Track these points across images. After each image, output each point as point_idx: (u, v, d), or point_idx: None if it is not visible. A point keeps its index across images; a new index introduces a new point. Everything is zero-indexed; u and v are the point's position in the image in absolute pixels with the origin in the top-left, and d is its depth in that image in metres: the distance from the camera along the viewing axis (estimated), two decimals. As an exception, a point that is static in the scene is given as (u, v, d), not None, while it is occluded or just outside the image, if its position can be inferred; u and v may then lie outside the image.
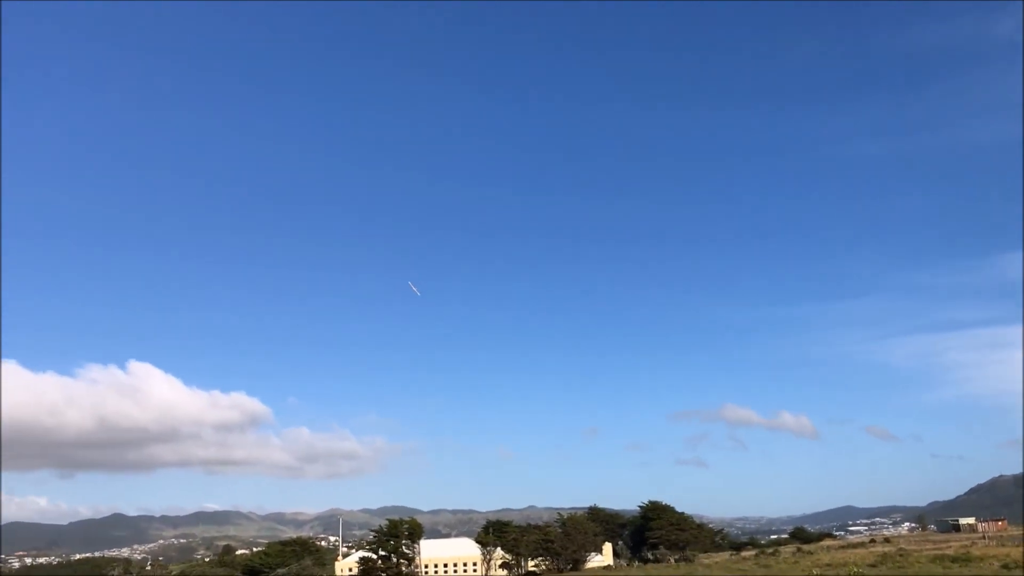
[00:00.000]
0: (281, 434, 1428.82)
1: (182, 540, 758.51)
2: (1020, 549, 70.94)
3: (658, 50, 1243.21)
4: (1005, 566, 45.82)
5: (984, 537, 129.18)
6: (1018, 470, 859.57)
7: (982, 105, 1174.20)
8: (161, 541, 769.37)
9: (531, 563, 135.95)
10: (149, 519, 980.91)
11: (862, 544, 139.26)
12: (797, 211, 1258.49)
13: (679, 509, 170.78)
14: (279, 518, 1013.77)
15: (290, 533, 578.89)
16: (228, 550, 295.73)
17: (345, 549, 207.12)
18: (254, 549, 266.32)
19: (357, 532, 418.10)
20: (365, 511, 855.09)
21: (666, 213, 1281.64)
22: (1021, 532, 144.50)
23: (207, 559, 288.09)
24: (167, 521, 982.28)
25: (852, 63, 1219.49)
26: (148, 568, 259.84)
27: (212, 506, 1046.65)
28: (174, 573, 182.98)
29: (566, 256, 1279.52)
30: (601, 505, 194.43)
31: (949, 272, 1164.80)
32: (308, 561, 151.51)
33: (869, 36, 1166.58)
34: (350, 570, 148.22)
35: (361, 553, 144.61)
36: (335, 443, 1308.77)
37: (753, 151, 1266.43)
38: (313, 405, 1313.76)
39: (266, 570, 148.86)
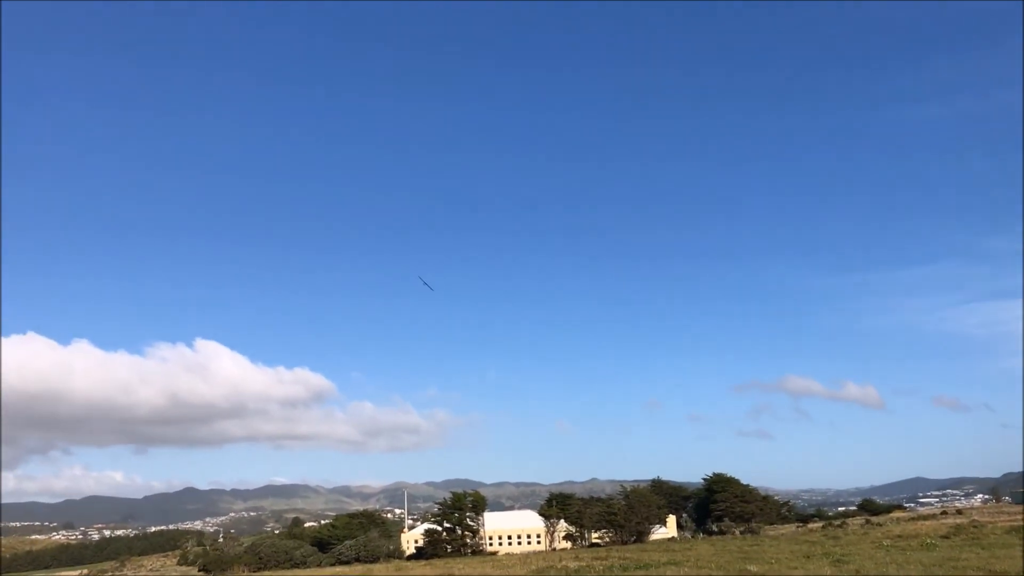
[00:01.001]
0: (345, 408, 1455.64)
1: (252, 513, 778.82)
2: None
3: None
4: (1087, 538, 44.32)
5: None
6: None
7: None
8: (232, 514, 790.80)
9: (595, 535, 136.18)
10: (220, 492, 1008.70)
11: (933, 516, 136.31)
12: (863, 175, 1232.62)
13: (744, 481, 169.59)
14: (345, 491, 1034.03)
15: (356, 506, 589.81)
16: (297, 522, 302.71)
17: (411, 521, 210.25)
18: (322, 522, 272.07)
19: (422, 505, 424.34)
20: (429, 484, 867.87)
21: (730, 179, 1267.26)
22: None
23: (277, 531, 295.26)
24: (237, 494, 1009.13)
25: (912, 24, 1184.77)
26: (220, 540, 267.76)
27: (280, 479, 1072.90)
28: (245, 545, 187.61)
29: (625, 226, 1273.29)
30: (664, 478, 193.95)
31: (1019, 237, 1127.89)
32: (375, 533, 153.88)
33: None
34: (416, 542, 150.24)
35: (426, 525, 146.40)
36: (398, 417, 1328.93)
37: (817, 112, 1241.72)
38: (376, 380, 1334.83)
39: (334, 542, 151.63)
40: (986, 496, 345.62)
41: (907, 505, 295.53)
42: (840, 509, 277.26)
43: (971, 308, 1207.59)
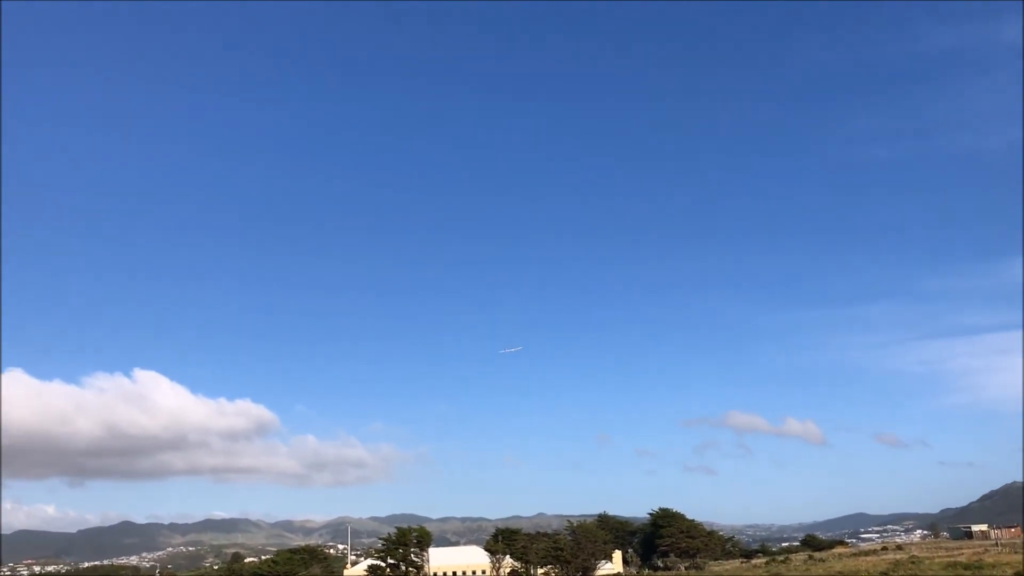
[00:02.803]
0: (288, 442, 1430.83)
1: (191, 548, 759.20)
2: (1034, 556, 70.35)
3: (668, 51, 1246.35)
4: (1018, 573, 45.32)
5: (997, 544, 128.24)
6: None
7: (991, 109, 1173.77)
8: (170, 549, 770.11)
9: (540, 571, 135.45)
10: (158, 527, 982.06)
11: (874, 551, 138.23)
12: (806, 214, 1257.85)
13: (689, 516, 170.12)
14: (287, 526, 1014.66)
15: (299, 541, 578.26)
16: (237, 557, 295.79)
17: (354, 557, 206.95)
18: (263, 557, 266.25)
19: (366, 540, 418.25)
20: (374, 519, 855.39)
21: (674, 215, 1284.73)
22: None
23: (216, 567, 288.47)
24: (176, 528, 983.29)
25: (863, 66, 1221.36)
26: (157, 575, 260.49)
27: (220, 514, 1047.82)
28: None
29: (574, 261, 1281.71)
30: (611, 512, 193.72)
31: (959, 277, 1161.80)
32: (317, 569, 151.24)
33: (880, 38, 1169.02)
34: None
35: (370, 561, 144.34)
36: (343, 451, 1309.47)
37: (762, 153, 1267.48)
38: (320, 413, 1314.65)
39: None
40: (925, 532, 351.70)
41: (849, 540, 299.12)
42: (784, 544, 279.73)
43: (911, 346, 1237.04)
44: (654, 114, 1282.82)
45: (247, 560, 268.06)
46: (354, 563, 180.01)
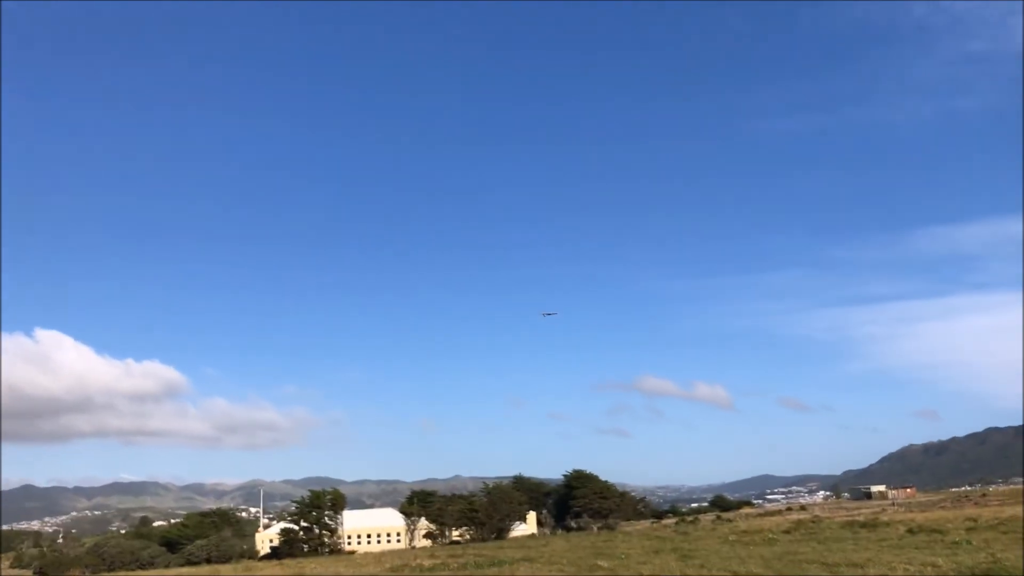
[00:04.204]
0: (199, 404, 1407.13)
1: (96, 512, 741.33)
2: (926, 515, 73.71)
3: (580, 33, 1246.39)
4: (910, 531, 47.34)
5: (894, 504, 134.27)
6: (926, 439, 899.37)
7: (897, 84, 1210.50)
8: (74, 513, 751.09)
9: (456, 532, 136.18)
10: (62, 490, 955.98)
11: (779, 512, 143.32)
12: (718, 185, 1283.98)
13: (602, 478, 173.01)
14: (198, 489, 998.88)
15: (209, 504, 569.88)
16: (145, 521, 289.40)
17: (266, 520, 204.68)
18: (172, 520, 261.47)
19: (279, 503, 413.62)
20: (288, 482, 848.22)
21: (590, 184, 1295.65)
22: (928, 498, 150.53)
23: (123, 531, 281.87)
24: (81, 492, 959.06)
25: (772, 40, 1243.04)
26: (59, 540, 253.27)
27: (128, 477, 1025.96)
28: (87, 545, 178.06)
29: (486, 225, 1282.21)
30: (526, 474, 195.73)
31: (864, 247, 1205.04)
32: (228, 532, 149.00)
33: (790, 13, 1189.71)
34: (271, 542, 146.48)
35: (283, 524, 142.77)
36: (255, 414, 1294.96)
37: (673, 125, 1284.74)
38: (231, 375, 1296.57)
39: (184, 542, 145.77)
40: (828, 493, 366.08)
41: (756, 501, 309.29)
42: (693, 505, 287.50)
43: (817, 314, 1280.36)
44: (569, 102, 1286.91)
45: (156, 524, 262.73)
46: (267, 526, 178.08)
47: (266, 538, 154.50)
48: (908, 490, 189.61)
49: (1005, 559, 28.47)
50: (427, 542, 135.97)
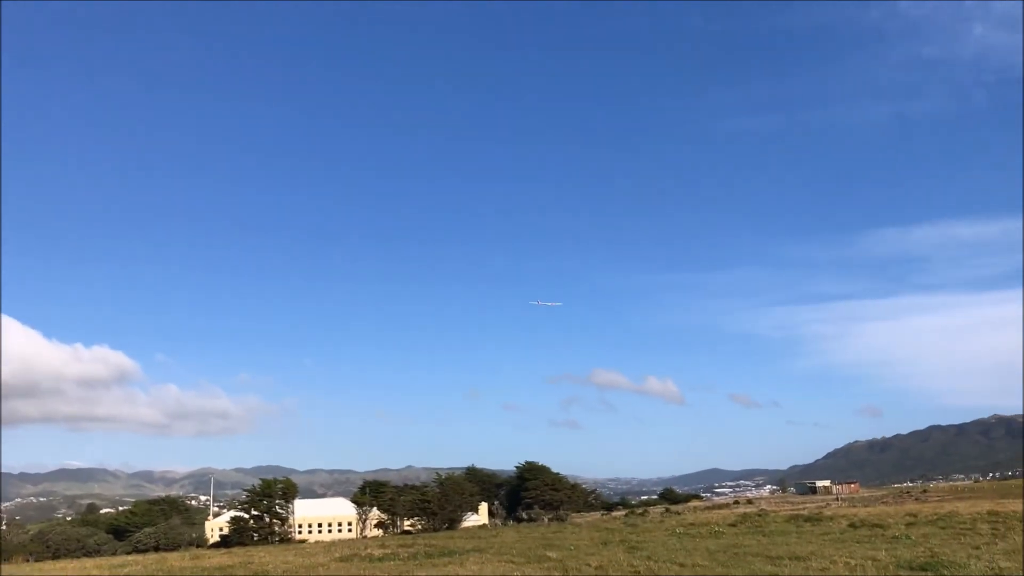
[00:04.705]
0: (149, 391, 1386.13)
1: (42, 499, 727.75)
2: (868, 510, 75.43)
3: (540, 33, 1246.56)
4: (852, 525, 48.48)
5: (838, 499, 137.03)
6: (871, 436, 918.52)
7: (854, 87, 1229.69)
8: (19, 500, 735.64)
9: (407, 523, 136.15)
10: (7, 476, 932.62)
11: (726, 505, 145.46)
12: (672, 183, 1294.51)
13: (554, 470, 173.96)
14: (147, 476, 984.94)
15: (159, 492, 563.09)
16: (92, 508, 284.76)
17: (216, 509, 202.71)
18: (120, 508, 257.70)
19: (230, 491, 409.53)
20: (239, 470, 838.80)
21: (547, 181, 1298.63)
22: (871, 494, 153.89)
23: (69, 518, 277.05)
24: (27, 479, 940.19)
25: (729, 42, 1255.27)
26: (4, 527, 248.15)
27: (76, 463, 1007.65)
28: (31, 532, 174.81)
29: (445, 221, 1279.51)
30: (479, 465, 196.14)
31: (815, 247, 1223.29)
32: (177, 520, 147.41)
33: (749, 15, 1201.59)
34: (221, 530, 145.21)
35: (233, 513, 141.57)
36: (207, 401, 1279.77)
37: (631, 124, 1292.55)
38: (183, 362, 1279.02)
39: (132, 529, 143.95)
40: (774, 487, 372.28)
41: (704, 495, 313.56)
42: (643, 498, 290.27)
43: (767, 311, 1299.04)
44: (534, 100, 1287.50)
45: (103, 511, 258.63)
46: (216, 514, 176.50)
47: (216, 526, 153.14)
48: (852, 485, 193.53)
49: (942, 553, 29.35)
50: (378, 532, 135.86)
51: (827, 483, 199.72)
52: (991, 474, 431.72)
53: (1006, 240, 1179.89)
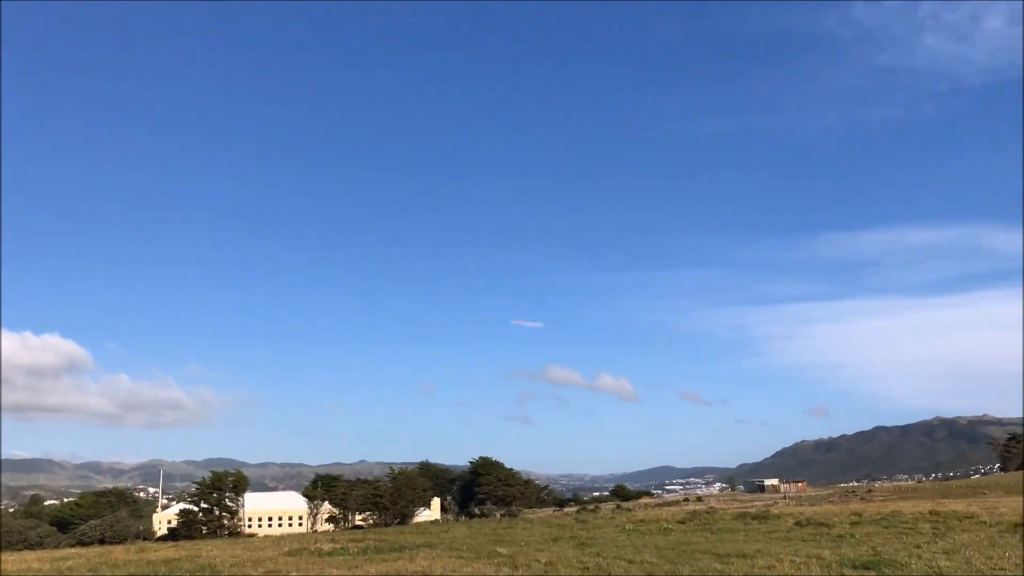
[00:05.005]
0: (100, 380, 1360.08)
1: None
2: (814, 508, 76.72)
3: (507, 32, 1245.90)
4: (798, 523, 49.28)
5: (785, 497, 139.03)
6: (818, 436, 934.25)
7: (810, 93, 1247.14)
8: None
9: (359, 517, 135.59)
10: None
11: (676, 502, 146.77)
12: (630, 182, 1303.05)
13: (507, 465, 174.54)
14: (95, 467, 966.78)
15: (106, 484, 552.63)
16: (36, 500, 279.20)
17: (165, 501, 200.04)
18: (65, 500, 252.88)
19: (179, 484, 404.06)
20: (189, 462, 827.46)
21: (499, 181, 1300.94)
22: (818, 492, 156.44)
23: (12, 510, 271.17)
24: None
25: (687, 44, 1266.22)
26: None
27: (20, 453, 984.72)
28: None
29: (398, 216, 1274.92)
30: (433, 461, 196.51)
31: (768, 249, 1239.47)
32: (124, 513, 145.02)
33: (709, 18, 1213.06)
34: (169, 523, 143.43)
35: (182, 505, 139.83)
36: (158, 392, 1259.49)
37: (590, 122, 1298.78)
38: (134, 352, 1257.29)
39: (77, 521, 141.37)
40: (723, 485, 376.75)
41: (655, 492, 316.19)
42: (595, 494, 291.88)
43: (721, 311, 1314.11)
44: (497, 97, 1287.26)
45: (47, 503, 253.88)
46: (165, 507, 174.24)
47: (164, 519, 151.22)
48: (799, 484, 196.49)
49: (885, 552, 29.93)
50: (330, 526, 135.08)
51: (775, 482, 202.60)
52: (933, 475, 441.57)
53: (953, 246, 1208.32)
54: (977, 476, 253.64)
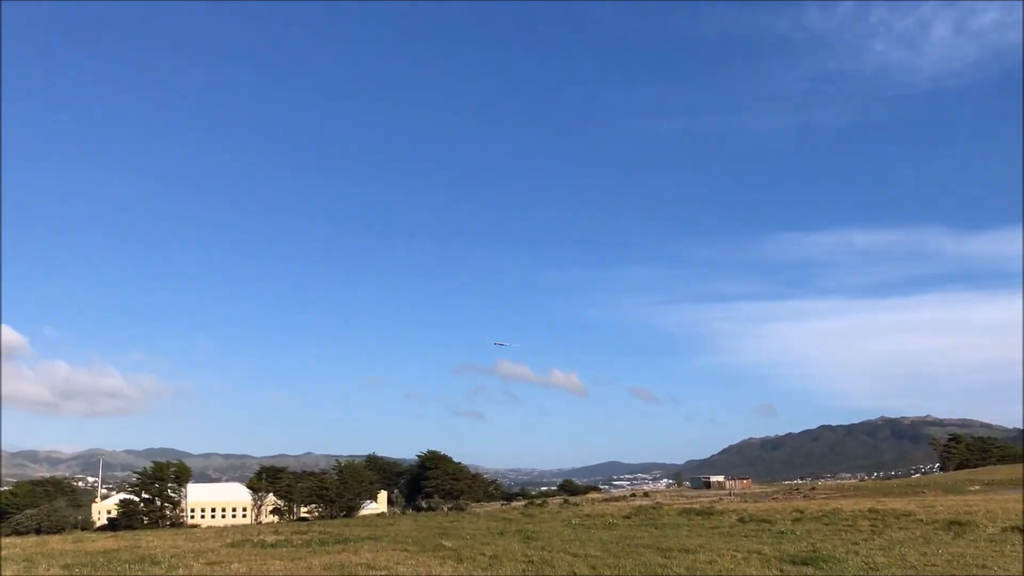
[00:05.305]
0: (36, 367, 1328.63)
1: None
2: (757, 505, 77.88)
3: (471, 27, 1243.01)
4: (741, 519, 49.95)
5: (730, 494, 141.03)
6: (765, 434, 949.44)
7: (759, 96, 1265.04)
8: None
9: (304, 510, 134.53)
10: None
11: (623, 497, 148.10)
12: (586, 179, 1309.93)
13: (456, 459, 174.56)
14: (32, 456, 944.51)
15: (43, 473, 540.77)
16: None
17: (105, 491, 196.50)
18: (0, 489, 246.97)
19: (119, 474, 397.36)
20: (130, 452, 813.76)
21: (454, 175, 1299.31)
22: (762, 489, 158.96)
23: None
24: None
25: (644, 43, 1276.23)
26: None
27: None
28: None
29: (349, 210, 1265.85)
30: (380, 454, 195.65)
31: (721, 248, 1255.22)
32: (62, 502, 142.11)
33: (662, 17, 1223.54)
34: (109, 513, 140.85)
35: (122, 495, 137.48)
36: (98, 379, 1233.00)
37: (545, 119, 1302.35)
38: (74, 338, 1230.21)
39: (12, 511, 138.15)
40: (670, 481, 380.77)
41: (603, 487, 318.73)
42: (543, 489, 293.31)
43: (672, 308, 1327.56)
44: (454, 93, 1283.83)
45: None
46: (104, 497, 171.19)
47: (103, 509, 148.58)
48: (744, 481, 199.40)
49: (823, 548, 30.43)
50: (274, 518, 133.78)
51: (721, 478, 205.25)
52: (875, 473, 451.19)
53: (899, 249, 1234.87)
54: (918, 475, 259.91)
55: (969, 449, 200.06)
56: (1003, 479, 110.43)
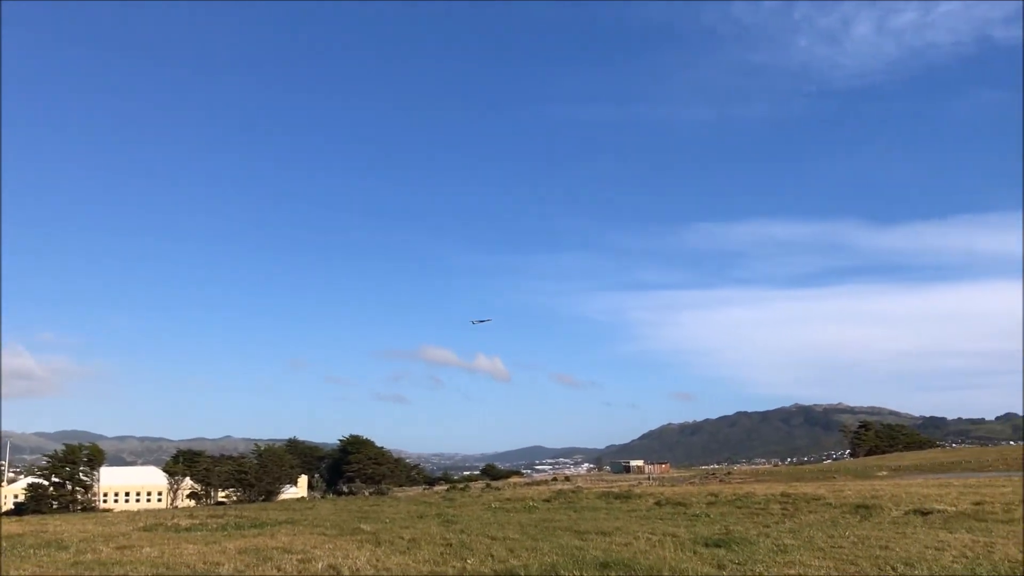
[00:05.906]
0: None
1: None
2: (675, 489, 79.42)
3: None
4: (658, 503, 50.95)
5: (649, 478, 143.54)
6: (683, 419, 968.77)
7: (683, 86, 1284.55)
8: None
9: (222, 494, 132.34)
10: None
11: (545, 482, 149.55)
12: (505, 163, 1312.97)
13: (378, 444, 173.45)
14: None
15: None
16: None
17: (12, 475, 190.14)
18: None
19: (28, 457, 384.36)
20: (40, 435, 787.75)
21: (380, 158, 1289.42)
22: (680, 474, 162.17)
23: None
24: None
25: (569, 29, 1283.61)
26: None
27: None
28: None
29: (275, 187, 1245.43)
30: (301, 438, 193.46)
31: (641, 236, 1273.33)
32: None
33: (593, 5, 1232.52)
34: (16, 497, 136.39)
35: (30, 479, 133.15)
36: (6, 360, 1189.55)
37: (472, 104, 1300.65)
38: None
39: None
40: (591, 465, 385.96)
41: (525, 471, 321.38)
42: (466, 473, 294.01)
43: (595, 295, 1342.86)
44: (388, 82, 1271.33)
45: None
46: (12, 481, 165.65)
47: (10, 493, 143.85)
48: (663, 466, 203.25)
49: (736, 531, 31.18)
50: (191, 503, 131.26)
51: (640, 463, 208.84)
52: (789, 459, 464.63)
53: (816, 241, 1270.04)
54: (829, 461, 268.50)
55: (878, 436, 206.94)
56: (909, 465, 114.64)
